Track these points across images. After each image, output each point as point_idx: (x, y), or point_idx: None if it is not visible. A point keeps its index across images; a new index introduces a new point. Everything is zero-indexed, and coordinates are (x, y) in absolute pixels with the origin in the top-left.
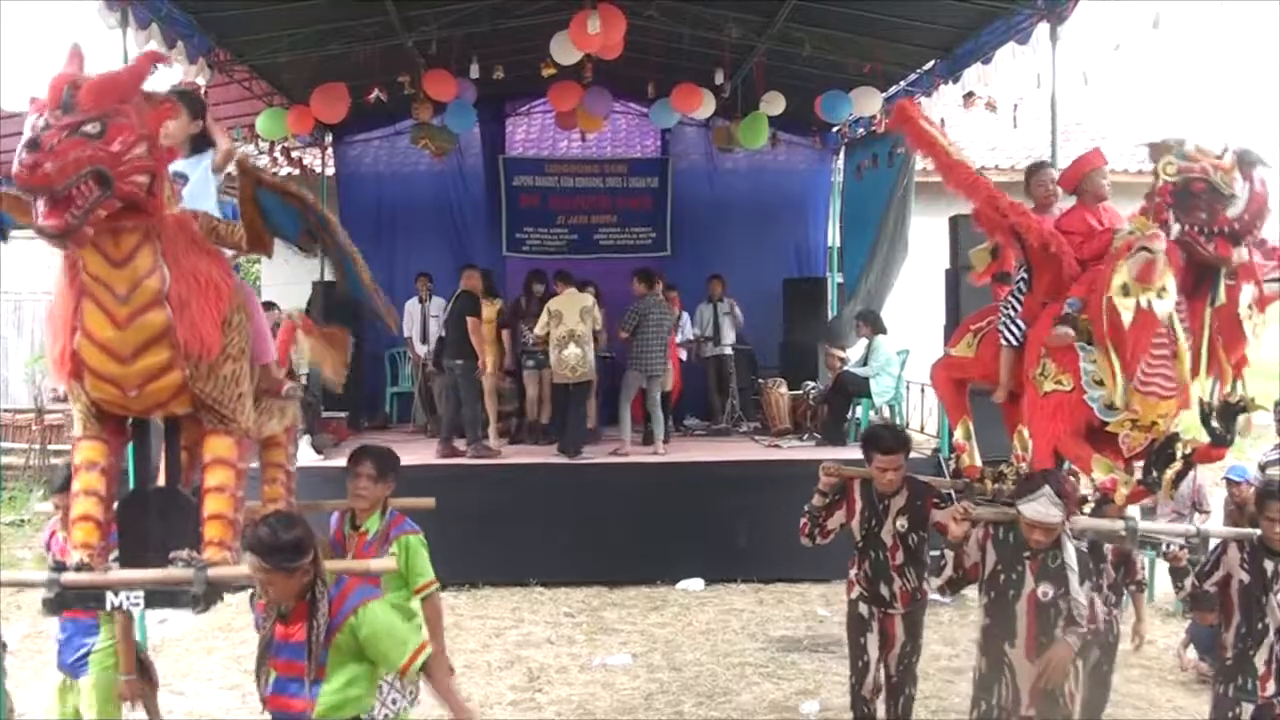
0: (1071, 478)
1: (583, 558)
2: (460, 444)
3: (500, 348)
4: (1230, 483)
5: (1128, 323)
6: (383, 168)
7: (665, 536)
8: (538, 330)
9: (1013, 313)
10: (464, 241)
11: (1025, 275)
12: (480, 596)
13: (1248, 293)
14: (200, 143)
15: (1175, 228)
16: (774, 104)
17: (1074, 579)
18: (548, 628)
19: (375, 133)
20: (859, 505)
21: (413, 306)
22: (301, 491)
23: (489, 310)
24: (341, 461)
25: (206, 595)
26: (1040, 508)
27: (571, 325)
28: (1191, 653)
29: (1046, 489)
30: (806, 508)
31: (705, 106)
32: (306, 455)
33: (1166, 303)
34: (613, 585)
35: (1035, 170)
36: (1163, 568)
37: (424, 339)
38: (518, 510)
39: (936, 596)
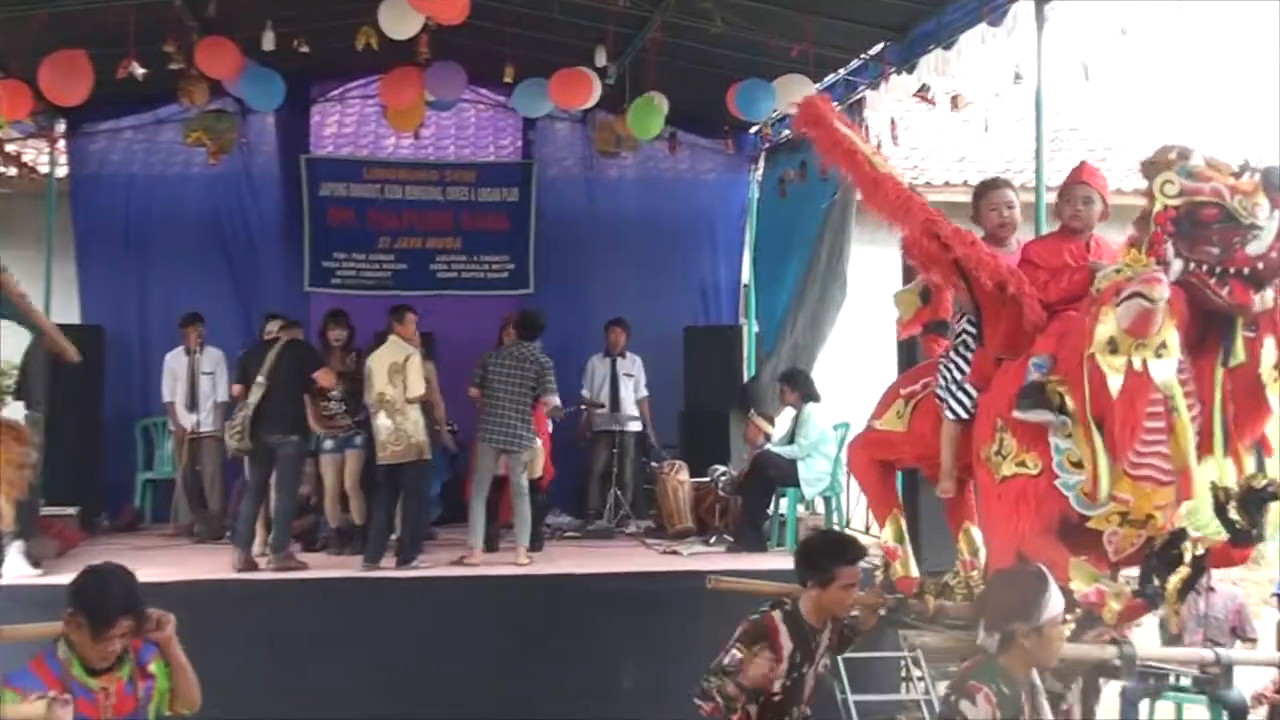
0: None
1: (408, 706)
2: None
3: None
4: None
5: (1116, 388)
6: (136, 168)
7: (523, 677)
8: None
9: (958, 375)
10: (250, 271)
11: (972, 325)
12: None
13: (1271, 348)
14: None
15: (1177, 265)
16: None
17: None
18: None
19: (126, 120)
20: (786, 648)
21: (176, 361)
22: (10, 618)
23: None
24: (68, 577)
25: None
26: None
27: (380, 388)
28: None
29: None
30: (714, 681)
31: (593, 98)
32: (17, 568)
33: (1167, 363)
34: None
35: (987, 189)
36: None
37: (191, 405)
38: (320, 643)
39: None
